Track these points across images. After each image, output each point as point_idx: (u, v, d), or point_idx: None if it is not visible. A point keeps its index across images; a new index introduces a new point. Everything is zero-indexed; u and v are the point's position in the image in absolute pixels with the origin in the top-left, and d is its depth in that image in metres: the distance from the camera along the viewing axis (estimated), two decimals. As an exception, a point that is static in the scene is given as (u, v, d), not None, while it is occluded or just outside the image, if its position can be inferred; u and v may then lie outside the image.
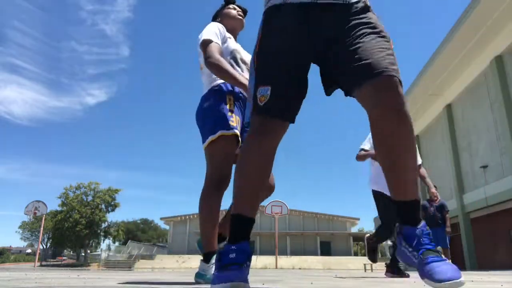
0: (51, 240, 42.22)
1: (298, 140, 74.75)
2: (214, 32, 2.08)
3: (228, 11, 2.32)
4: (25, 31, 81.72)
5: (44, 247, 46.33)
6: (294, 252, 36.14)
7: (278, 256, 17.47)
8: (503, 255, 13.65)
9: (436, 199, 4.09)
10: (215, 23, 2.19)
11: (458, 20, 12.79)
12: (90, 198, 36.56)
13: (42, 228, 18.15)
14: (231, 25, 2.28)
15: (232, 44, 2.19)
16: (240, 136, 1.96)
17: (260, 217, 38.71)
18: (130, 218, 73.00)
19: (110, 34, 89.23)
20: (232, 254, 1.16)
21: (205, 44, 2.01)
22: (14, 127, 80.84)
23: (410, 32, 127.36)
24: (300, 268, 24.92)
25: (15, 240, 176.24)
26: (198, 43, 2.08)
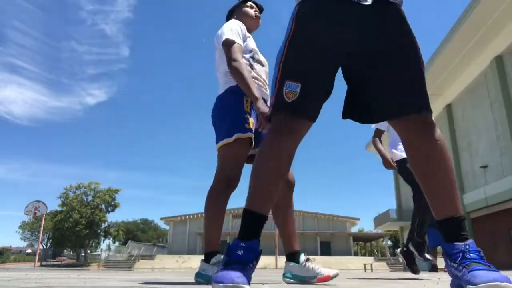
0: (51, 240, 42.24)
1: (298, 140, 74.30)
2: (236, 31, 2.04)
3: (246, 9, 2.28)
4: (25, 31, 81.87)
5: (44, 247, 46.33)
6: (294, 252, 36.11)
7: (278, 256, 17.48)
8: (503, 255, 13.65)
9: None
10: (236, 21, 2.14)
11: (458, 20, 12.80)
12: (90, 198, 36.56)
13: (42, 228, 18.13)
14: (247, 24, 2.24)
15: (251, 43, 2.16)
16: (254, 138, 1.95)
17: (260, 217, 38.72)
18: (130, 218, 73.11)
19: (110, 34, 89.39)
20: (240, 251, 1.13)
21: (228, 44, 1.96)
22: (14, 127, 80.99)
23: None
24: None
25: (15, 240, 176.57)
26: (218, 40, 2.04)
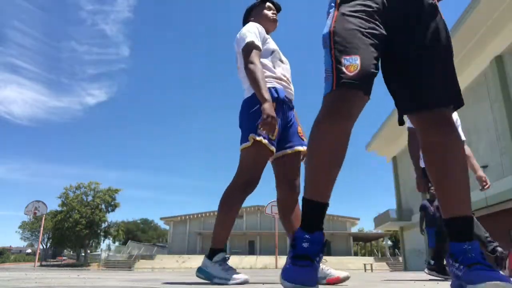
0: (51, 240, 42.23)
1: (298, 140, 74.27)
2: (255, 34, 2.07)
3: (265, 12, 2.29)
4: (25, 31, 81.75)
5: (44, 247, 46.32)
6: (294, 252, 36.13)
7: (278, 256, 17.52)
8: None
9: (486, 185, 3.40)
10: (254, 23, 2.16)
11: (458, 20, 12.80)
12: (90, 198, 36.59)
13: (42, 228, 18.14)
14: (266, 27, 2.26)
15: (272, 44, 2.18)
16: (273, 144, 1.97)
17: (260, 217, 38.79)
18: (130, 218, 73.09)
19: (110, 34, 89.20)
20: (306, 243, 1.12)
21: (247, 48, 2.01)
22: (14, 127, 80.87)
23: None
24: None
25: (15, 240, 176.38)
26: (239, 44, 2.07)
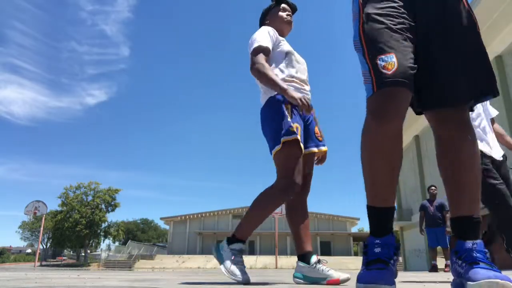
0: (51, 240, 42.28)
1: (298, 140, 74.32)
2: (266, 37, 2.09)
3: (280, 14, 2.29)
4: (25, 31, 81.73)
5: (44, 247, 46.36)
6: (294, 252, 35.60)
7: (278, 256, 17.51)
8: (503, 255, 13.66)
9: None
10: (266, 27, 2.19)
11: (458, 20, 12.79)
12: (90, 198, 36.61)
13: (42, 228, 18.14)
14: (281, 29, 2.27)
15: (286, 46, 2.18)
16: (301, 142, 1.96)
17: (260, 217, 38.77)
18: (130, 218, 73.18)
19: (110, 34, 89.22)
20: (378, 248, 1.11)
21: (254, 52, 2.04)
22: (14, 127, 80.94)
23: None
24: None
25: (15, 240, 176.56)
26: (249, 47, 2.09)
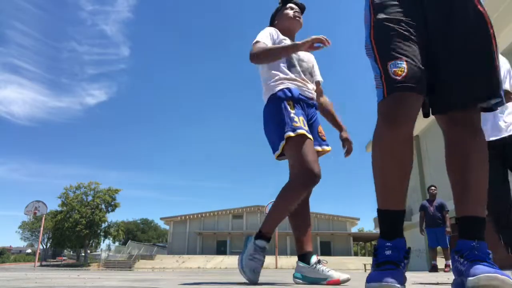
0: (51, 240, 42.28)
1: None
2: (266, 36, 2.12)
3: (285, 12, 2.31)
4: (25, 31, 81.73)
5: (44, 247, 46.36)
6: (294, 252, 35.74)
7: (278, 256, 17.50)
8: (503, 255, 13.66)
9: None
10: (269, 28, 2.22)
11: (458, 20, 12.78)
12: (90, 198, 36.61)
13: (42, 228, 18.12)
14: (288, 26, 2.27)
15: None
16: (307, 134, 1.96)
17: (260, 217, 38.75)
18: (130, 218, 73.16)
19: (110, 34, 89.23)
20: (388, 251, 1.13)
21: (252, 46, 2.06)
22: (14, 127, 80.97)
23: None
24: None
25: (15, 240, 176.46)
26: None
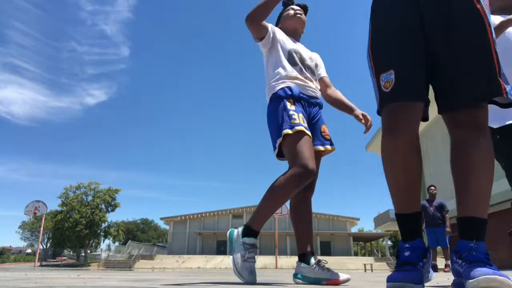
0: (51, 240, 42.27)
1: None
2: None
3: (286, 13, 2.36)
4: (25, 31, 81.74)
5: (44, 247, 46.35)
6: (294, 252, 35.83)
7: (278, 256, 17.50)
8: (503, 255, 13.66)
9: None
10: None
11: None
12: (90, 198, 36.57)
13: (42, 228, 18.12)
14: (292, 25, 2.30)
15: (290, 44, 2.18)
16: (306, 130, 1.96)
17: (260, 217, 38.75)
18: (130, 218, 73.15)
19: (110, 34, 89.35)
20: (407, 252, 1.17)
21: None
22: (14, 127, 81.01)
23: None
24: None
25: (15, 240, 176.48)
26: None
